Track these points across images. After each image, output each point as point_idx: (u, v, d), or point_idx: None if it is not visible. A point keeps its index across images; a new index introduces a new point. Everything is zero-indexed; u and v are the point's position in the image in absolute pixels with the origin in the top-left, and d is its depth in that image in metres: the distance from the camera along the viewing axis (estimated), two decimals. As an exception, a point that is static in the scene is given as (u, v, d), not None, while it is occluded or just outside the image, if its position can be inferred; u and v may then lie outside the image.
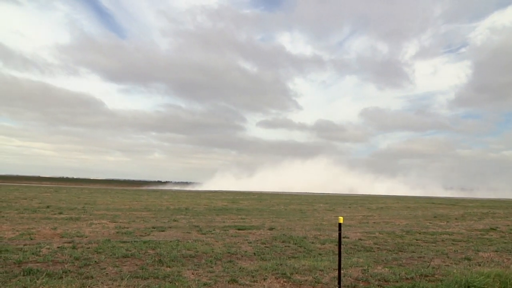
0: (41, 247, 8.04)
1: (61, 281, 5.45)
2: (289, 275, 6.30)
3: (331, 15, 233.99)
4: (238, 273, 6.33)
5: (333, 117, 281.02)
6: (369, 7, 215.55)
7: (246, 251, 8.44)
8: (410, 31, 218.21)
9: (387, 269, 6.97)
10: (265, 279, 6.04)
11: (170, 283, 5.57)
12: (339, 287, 5.43)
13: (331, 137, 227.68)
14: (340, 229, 5.60)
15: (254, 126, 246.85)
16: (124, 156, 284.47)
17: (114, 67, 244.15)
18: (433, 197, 52.77)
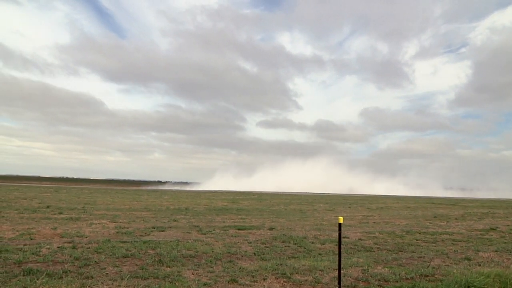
0: (41, 247, 8.04)
1: (61, 281, 5.45)
2: (289, 275, 6.30)
3: (331, 15, 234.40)
4: (238, 273, 6.33)
5: (333, 117, 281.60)
6: (369, 7, 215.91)
7: (246, 251, 8.44)
8: (410, 31, 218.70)
9: (387, 269, 6.97)
10: (265, 279, 6.04)
11: (170, 283, 5.57)
12: (339, 287, 5.43)
13: (331, 137, 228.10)
14: (340, 229, 5.60)
15: (254, 126, 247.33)
16: (124, 156, 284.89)
17: (114, 67, 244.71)
18: (433, 197, 52.77)
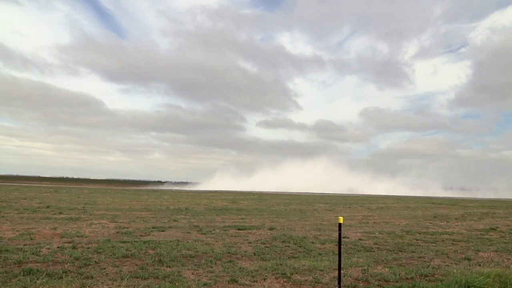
0: (41, 247, 8.04)
1: (61, 281, 5.45)
2: (289, 275, 6.30)
3: (331, 15, 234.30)
4: (238, 273, 6.33)
5: (333, 117, 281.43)
6: (369, 7, 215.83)
7: (246, 251, 8.44)
8: (410, 31, 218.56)
9: (387, 269, 6.97)
10: (265, 279, 6.04)
11: (170, 283, 5.57)
12: (339, 287, 5.43)
13: (331, 137, 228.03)
14: (340, 229, 5.60)
15: (254, 126, 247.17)
16: (124, 156, 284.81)
17: (114, 67, 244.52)
18: (433, 197, 52.77)
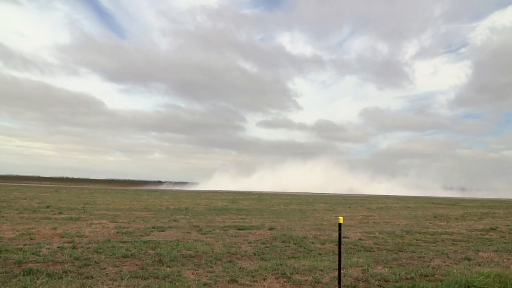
0: (41, 247, 8.04)
1: (61, 281, 5.45)
2: (289, 275, 6.30)
3: (331, 15, 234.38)
4: (238, 273, 6.33)
5: (333, 117, 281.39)
6: (369, 7, 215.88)
7: (246, 251, 8.44)
8: (410, 31, 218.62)
9: (387, 269, 6.97)
10: (265, 279, 6.04)
11: (170, 283, 5.57)
12: (339, 287, 5.43)
13: (331, 137, 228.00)
14: (340, 229, 5.60)
15: (254, 126, 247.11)
16: (124, 156, 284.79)
17: (114, 67, 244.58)
18: (433, 197, 52.76)
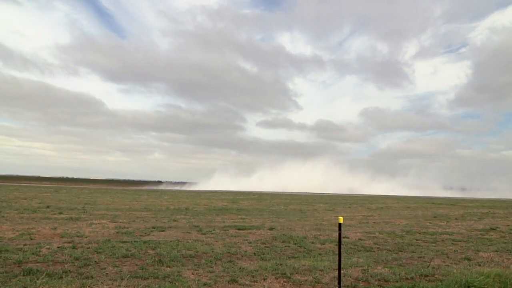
0: (41, 247, 8.04)
1: (61, 281, 5.45)
2: (289, 275, 6.30)
3: (331, 15, 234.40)
4: (238, 273, 6.33)
5: (333, 117, 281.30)
6: (369, 7, 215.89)
7: (246, 251, 8.44)
8: (410, 31, 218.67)
9: (387, 269, 6.97)
10: (265, 279, 6.04)
11: (170, 283, 5.57)
12: (339, 287, 5.43)
13: (331, 137, 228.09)
14: (340, 229, 5.60)
15: (254, 126, 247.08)
16: (124, 156, 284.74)
17: (114, 67, 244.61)
18: (433, 197, 52.76)
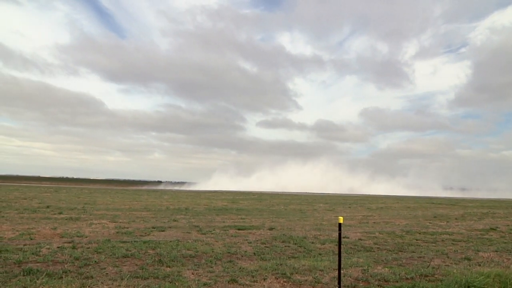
0: (41, 247, 8.04)
1: (61, 281, 5.45)
2: (289, 275, 6.30)
3: (331, 15, 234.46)
4: (238, 273, 6.33)
5: (333, 117, 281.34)
6: (369, 7, 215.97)
7: (246, 251, 8.44)
8: (410, 31, 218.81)
9: (387, 269, 6.97)
10: (265, 279, 6.04)
11: (170, 283, 5.57)
12: (339, 287, 5.43)
13: (331, 137, 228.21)
14: (340, 229, 5.60)
15: (254, 126, 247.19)
16: (124, 156, 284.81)
17: (114, 67, 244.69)
18: (433, 197, 52.75)
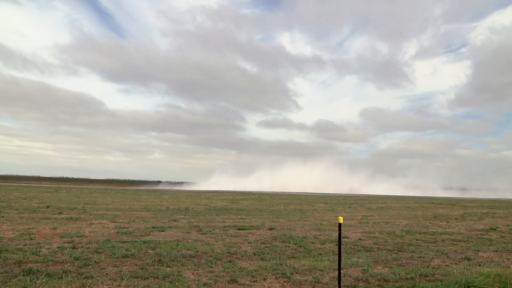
0: (41, 247, 8.04)
1: (61, 281, 5.45)
2: (289, 275, 6.30)
3: (331, 15, 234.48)
4: (238, 273, 6.33)
5: (333, 117, 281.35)
6: (369, 7, 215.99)
7: (246, 251, 8.44)
8: (410, 31, 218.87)
9: (387, 269, 6.97)
10: (265, 279, 6.04)
11: (170, 283, 5.57)
12: (339, 287, 5.43)
13: (331, 137, 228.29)
14: (340, 229, 5.60)
15: (254, 126, 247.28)
16: (124, 156, 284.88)
17: (114, 67, 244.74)
18: (433, 197, 52.75)
